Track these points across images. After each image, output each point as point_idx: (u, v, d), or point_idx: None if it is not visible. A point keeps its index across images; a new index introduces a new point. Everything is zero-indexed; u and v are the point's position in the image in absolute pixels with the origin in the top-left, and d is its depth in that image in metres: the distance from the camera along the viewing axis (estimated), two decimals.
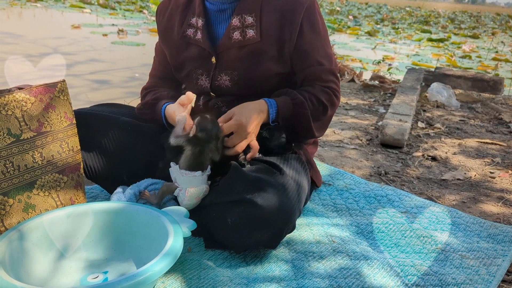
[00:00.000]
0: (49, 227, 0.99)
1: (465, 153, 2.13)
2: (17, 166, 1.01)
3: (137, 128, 1.27)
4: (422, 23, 14.61)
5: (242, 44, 1.18)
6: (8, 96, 1.00)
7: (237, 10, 1.19)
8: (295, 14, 1.17)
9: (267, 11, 1.18)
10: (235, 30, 1.19)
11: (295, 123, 1.20)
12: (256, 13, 1.18)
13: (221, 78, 1.23)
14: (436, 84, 3.28)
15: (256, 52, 1.19)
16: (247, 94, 1.21)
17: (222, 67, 1.22)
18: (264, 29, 1.17)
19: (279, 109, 1.16)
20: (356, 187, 1.57)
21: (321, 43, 1.22)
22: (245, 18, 1.18)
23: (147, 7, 11.44)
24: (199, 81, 1.27)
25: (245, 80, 1.21)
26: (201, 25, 1.23)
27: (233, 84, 1.22)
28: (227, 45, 1.20)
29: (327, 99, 1.21)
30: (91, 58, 4.58)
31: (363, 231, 1.29)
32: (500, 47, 8.47)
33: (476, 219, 1.41)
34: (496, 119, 2.83)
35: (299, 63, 1.21)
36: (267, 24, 1.17)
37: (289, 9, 1.17)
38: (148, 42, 6.02)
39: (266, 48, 1.18)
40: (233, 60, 1.21)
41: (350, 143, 2.15)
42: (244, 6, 1.19)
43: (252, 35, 1.18)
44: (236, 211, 1.01)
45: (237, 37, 1.18)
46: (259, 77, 1.21)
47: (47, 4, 10.58)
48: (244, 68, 1.20)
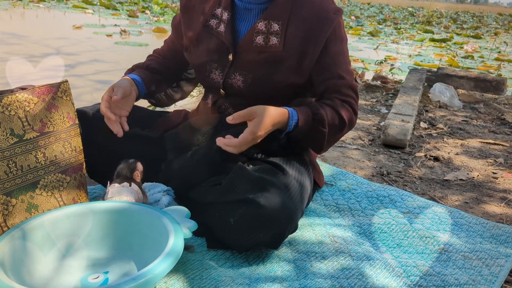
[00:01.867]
0: (50, 226, 0.99)
1: (467, 153, 2.13)
2: (20, 166, 1.01)
3: (141, 128, 1.28)
4: (425, 23, 14.59)
5: (263, 50, 1.17)
6: (11, 97, 1.00)
7: (265, 15, 1.17)
8: (322, 30, 1.15)
9: (294, 21, 1.16)
10: (259, 34, 1.17)
11: (309, 138, 1.16)
12: (284, 22, 1.16)
13: (234, 77, 1.21)
14: (438, 84, 3.27)
15: (275, 60, 1.17)
16: (257, 98, 1.20)
17: (237, 67, 1.21)
18: (288, 39, 1.15)
19: (298, 123, 1.10)
20: (359, 187, 1.56)
21: (344, 59, 1.20)
22: (271, 24, 1.16)
23: (149, 7, 11.45)
24: (212, 75, 1.24)
25: (258, 84, 1.20)
26: (226, 19, 1.21)
27: (246, 86, 1.21)
28: (247, 47, 1.18)
29: (347, 117, 1.18)
30: (94, 58, 4.59)
31: (365, 232, 1.29)
32: (503, 47, 8.45)
33: (478, 220, 1.40)
34: (499, 120, 2.82)
35: (320, 75, 1.19)
36: (292, 34, 1.15)
37: (317, 24, 1.15)
38: (151, 43, 6.03)
39: (286, 58, 1.16)
40: (250, 62, 1.19)
41: (352, 144, 2.14)
42: (273, 12, 1.17)
43: (275, 43, 1.16)
44: (239, 211, 1.01)
45: (260, 41, 1.17)
46: (273, 85, 1.19)
47: (49, 4, 10.61)
48: (260, 73, 1.19)
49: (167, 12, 10.59)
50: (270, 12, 1.17)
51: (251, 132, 1.03)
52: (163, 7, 11.91)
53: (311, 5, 1.17)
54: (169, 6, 12.21)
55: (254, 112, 1.05)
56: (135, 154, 1.24)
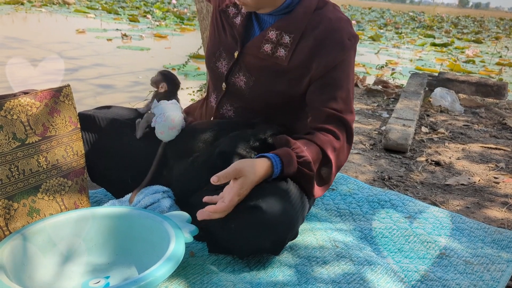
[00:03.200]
0: (52, 231, 0.99)
1: (469, 158, 2.13)
2: (22, 170, 1.01)
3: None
4: (425, 27, 14.61)
5: (268, 59, 1.15)
6: (14, 101, 1.00)
7: (278, 24, 1.14)
8: (330, 53, 1.11)
9: (307, 37, 1.12)
10: (268, 42, 1.15)
11: (296, 180, 1.10)
12: (296, 35, 1.12)
13: (238, 76, 1.20)
14: (439, 89, 3.27)
15: (279, 70, 1.15)
16: (257, 102, 1.21)
17: (241, 66, 1.20)
18: (295, 54, 1.13)
19: (283, 170, 1.05)
20: (360, 192, 1.56)
21: (343, 93, 1.13)
22: (283, 35, 1.13)
23: (151, 12, 11.49)
24: (219, 63, 1.24)
25: (259, 89, 1.19)
26: (245, 12, 1.19)
27: (247, 88, 1.20)
28: (253, 52, 1.17)
29: (334, 157, 1.12)
30: (96, 62, 4.60)
31: (366, 236, 1.29)
32: (504, 52, 8.46)
33: (480, 225, 1.40)
34: (500, 124, 2.82)
35: (318, 97, 1.14)
36: (301, 49, 1.13)
37: (328, 45, 1.11)
38: (153, 47, 6.05)
39: (289, 71, 1.15)
40: (253, 66, 1.18)
41: (353, 148, 2.14)
42: (287, 23, 1.13)
43: (282, 56, 1.14)
44: (240, 216, 1.01)
45: (267, 50, 1.15)
46: (273, 93, 1.18)
47: (51, 9, 10.65)
48: (262, 79, 1.18)
49: (168, 17, 10.62)
50: (284, 22, 1.14)
51: (238, 194, 0.98)
52: (165, 11, 11.95)
53: (328, 24, 1.12)
54: (170, 11, 12.25)
55: (240, 171, 0.98)
56: (140, 156, 1.25)
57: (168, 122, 1.19)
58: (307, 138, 1.11)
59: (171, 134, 1.21)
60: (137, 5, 13.82)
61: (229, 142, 1.15)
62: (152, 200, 1.16)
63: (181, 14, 11.71)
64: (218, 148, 1.14)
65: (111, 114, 1.30)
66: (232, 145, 1.14)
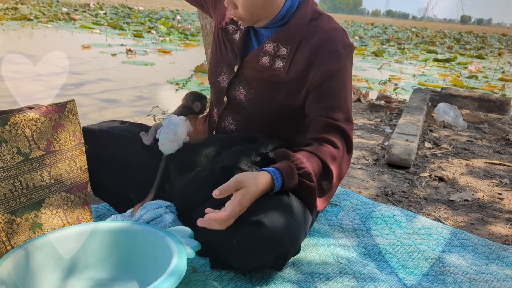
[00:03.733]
0: (54, 246, 0.99)
1: (472, 173, 2.12)
2: (25, 184, 1.02)
3: (145, 147, 1.28)
4: (428, 43, 14.69)
5: (266, 71, 1.17)
6: (19, 115, 1.01)
7: (275, 37, 1.16)
8: (326, 61, 1.11)
9: (303, 48, 1.14)
10: (266, 54, 1.17)
11: (298, 193, 1.10)
12: (292, 47, 1.14)
13: (238, 89, 1.23)
14: (442, 104, 3.28)
15: (277, 82, 1.17)
16: (258, 115, 1.22)
17: (241, 80, 1.22)
18: (293, 65, 1.15)
19: (284, 183, 1.05)
20: (363, 207, 1.56)
21: (340, 102, 1.14)
22: (280, 47, 1.15)
23: (155, 27, 11.62)
24: (220, 78, 1.26)
25: (259, 101, 1.20)
26: (243, 28, 1.22)
27: (247, 101, 1.22)
28: (252, 65, 1.19)
29: (335, 167, 1.11)
30: (101, 77, 4.64)
31: (370, 252, 1.28)
32: (507, 68, 8.47)
33: (484, 241, 1.39)
34: (504, 140, 2.82)
35: (315, 107, 1.15)
36: (297, 60, 1.14)
37: (323, 54, 1.12)
38: (157, 62, 6.10)
39: (287, 82, 1.16)
40: (253, 79, 1.20)
41: (356, 163, 2.14)
42: (283, 35, 1.15)
43: (280, 67, 1.15)
44: (242, 231, 1.01)
45: (265, 62, 1.17)
46: (273, 104, 1.20)
47: (57, 25, 10.79)
48: (261, 90, 1.19)
49: (172, 32, 10.73)
50: (280, 35, 1.16)
51: (239, 204, 0.97)
52: (169, 27, 12.08)
53: (322, 34, 1.14)
54: (174, 27, 12.39)
55: (241, 182, 0.98)
56: (143, 171, 1.25)
57: (170, 135, 1.21)
58: (306, 150, 1.11)
59: (171, 148, 1.23)
60: (142, 21, 13.99)
61: (230, 157, 1.16)
62: (154, 215, 1.16)
63: (185, 30, 11.84)
64: (220, 163, 1.15)
65: (114, 129, 1.30)
66: (233, 160, 1.14)
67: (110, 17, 14.66)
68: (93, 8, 19.03)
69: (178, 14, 19.95)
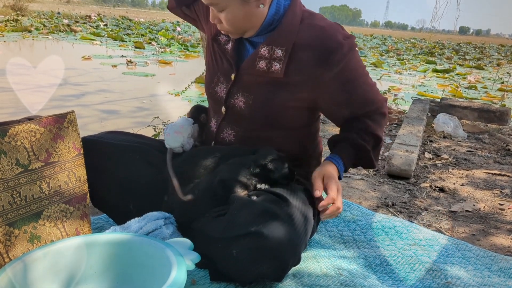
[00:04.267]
0: (52, 258, 0.98)
1: (473, 184, 2.11)
2: (24, 196, 1.01)
3: (145, 158, 1.28)
4: (427, 54, 14.76)
5: (264, 75, 1.17)
6: (18, 127, 1.01)
7: (268, 40, 1.17)
8: (337, 59, 1.13)
9: (299, 48, 1.15)
10: (262, 59, 1.17)
11: (358, 163, 1.29)
12: (287, 48, 1.15)
13: (237, 97, 1.22)
14: (442, 114, 3.28)
15: (277, 83, 1.17)
16: (257, 122, 1.22)
17: (239, 87, 1.22)
18: (291, 65, 1.15)
19: (345, 165, 1.24)
20: (364, 218, 1.55)
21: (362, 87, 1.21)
22: (274, 50, 1.16)
23: (156, 39, 11.68)
24: (217, 88, 1.26)
25: (259, 106, 1.20)
26: (234, 37, 1.23)
27: (247, 107, 1.21)
28: (249, 71, 1.19)
29: (380, 131, 1.26)
30: (101, 88, 4.65)
31: (371, 264, 1.27)
32: (506, 78, 8.50)
33: (486, 252, 1.38)
34: (504, 150, 2.81)
35: (339, 106, 1.22)
36: (296, 60, 1.15)
37: (325, 50, 1.13)
38: (158, 73, 6.12)
39: (287, 83, 1.16)
40: (251, 84, 1.20)
41: (356, 174, 2.14)
42: (277, 38, 1.16)
43: (277, 69, 1.15)
44: (241, 242, 1.00)
45: (262, 66, 1.17)
46: (273, 107, 1.19)
47: (58, 36, 10.85)
48: (261, 94, 1.19)
49: (173, 44, 10.79)
50: (273, 37, 1.16)
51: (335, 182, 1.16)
52: (169, 38, 12.15)
53: (319, 31, 1.15)
54: (175, 38, 12.46)
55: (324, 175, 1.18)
56: (142, 182, 1.24)
57: (176, 127, 1.29)
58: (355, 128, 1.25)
59: (176, 139, 1.28)
60: (143, 33, 14.07)
61: (229, 169, 1.15)
62: (154, 226, 1.15)
63: (186, 41, 11.90)
64: (218, 176, 1.14)
65: (113, 139, 1.30)
66: (232, 172, 1.14)
67: (110, 29, 14.75)
68: (94, 19, 19.16)
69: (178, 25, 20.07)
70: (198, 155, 1.25)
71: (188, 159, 1.25)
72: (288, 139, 1.26)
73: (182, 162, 1.24)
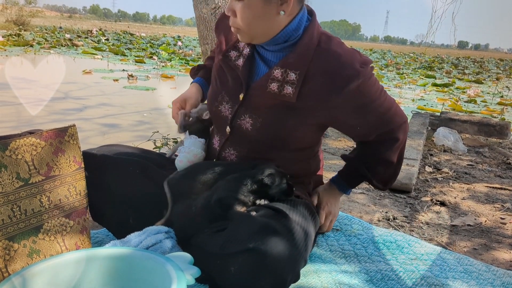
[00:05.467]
0: (52, 273, 0.98)
1: (474, 198, 2.11)
2: (24, 210, 1.01)
3: (145, 172, 1.28)
4: (426, 68, 14.84)
5: (276, 98, 1.15)
6: (19, 141, 1.01)
7: (282, 62, 1.14)
8: (346, 81, 1.10)
9: (315, 73, 1.12)
10: (274, 81, 1.14)
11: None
12: (301, 71, 1.12)
13: (244, 118, 1.19)
14: (442, 128, 3.29)
15: (287, 108, 1.15)
16: (262, 146, 1.20)
17: (247, 108, 1.19)
18: (304, 90, 1.13)
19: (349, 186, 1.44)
20: (365, 232, 1.54)
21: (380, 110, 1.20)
22: (288, 73, 1.13)
23: (157, 53, 11.76)
24: (221, 107, 1.23)
25: (266, 130, 1.18)
26: (246, 54, 1.20)
27: (254, 130, 1.19)
28: (260, 91, 1.16)
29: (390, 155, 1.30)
30: (102, 102, 4.67)
31: (372, 279, 1.26)
32: (505, 92, 8.54)
33: (488, 267, 1.37)
34: (505, 164, 2.81)
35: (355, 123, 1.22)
36: (309, 85, 1.12)
37: (340, 77, 1.10)
38: (159, 87, 6.15)
39: (298, 108, 1.14)
40: (260, 106, 1.17)
41: (357, 188, 2.13)
42: (292, 60, 1.13)
43: (289, 93, 1.13)
44: (240, 259, 0.99)
45: (274, 89, 1.14)
46: (281, 133, 1.18)
47: (60, 50, 10.93)
48: (270, 118, 1.17)
49: (174, 58, 10.86)
50: (288, 60, 1.14)
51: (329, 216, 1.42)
52: (170, 53, 12.24)
53: (336, 57, 1.12)
54: (176, 52, 12.55)
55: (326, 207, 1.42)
56: (142, 196, 1.24)
57: (190, 156, 1.28)
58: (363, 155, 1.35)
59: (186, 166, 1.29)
60: (144, 47, 14.17)
61: (226, 187, 1.14)
62: (154, 240, 1.14)
63: (187, 55, 11.99)
64: (215, 194, 1.13)
65: (113, 153, 1.30)
66: (229, 190, 1.13)
67: (112, 43, 14.87)
68: (96, 34, 19.32)
69: (180, 40, 20.23)
70: (198, 170, 1.24)
71: (188, 174, 1.24)
72: (292, 160, 1.25)
73: (182, 177, 1.24)
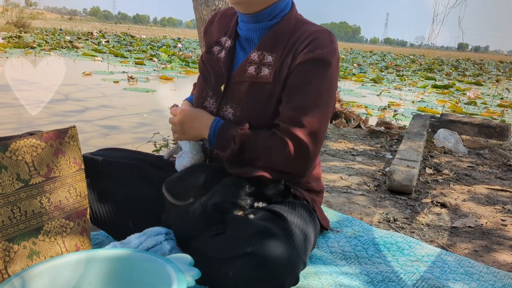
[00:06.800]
0: (51, 275, 0.97)
1: (475, 200, 2.11)
2: (24, 211, 1.01)
3: (144, 175, 1.27)
4: (426, 70, 14.85)
5: (253, 80, 1.16)
6: (19, 142, 1.01)
7: (259, 45, 1.18)
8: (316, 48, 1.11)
9: (287, 53, 1.15)
10: (252, 64, 1.17)
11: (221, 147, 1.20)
12: (278, 54, 1.15)
13: (226, 109, 1.21)
14: (442, 130, 3.29)
15: (265, 92, 1.16)
16: None
17: (228, 98, 1.21)
18: (279, 70, 1.15)
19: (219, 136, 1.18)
20: (365, 234, 1.54)
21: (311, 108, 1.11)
22: (264, 55, 1.16)
23: (157, 55, 11.77)
24: (206, 103, 1.25)
25: (247, 117, 1.18)
26: (228, 46, 1.23)
27: (235, 119, 1.20)
28: (239, 77, 1.19)
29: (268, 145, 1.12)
30: (102, 104, 4.67)
31: (373, 280, 1.25)
32: (505, 94, 8.54)
33: (490, 269, 1.36)
34: (505, 166, 2.81)
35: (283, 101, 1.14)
36: (285, 65, 1.15)
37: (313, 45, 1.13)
38: (158, 89, 6.15)
39: (275, 90, 1.15)
40: (240, 94, 1.19)
41: (357, 189, 2.13)
42: (267, 43, 1.17)
43: (266, 74, 1.15)
44: (238, 263, 0.99)
45: (252, 71, 1.17)
46: (261, 117, 1.18)
47: (60, 52, 10.94)
48: (249, 105, 1.18)
49: (174, 60, 10.87)
50: (264, 42, 1.18)
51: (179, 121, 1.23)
52: (170, 55, 12.25)
53: (308, 35, 1.15)
54: (176, 54, 12.55)
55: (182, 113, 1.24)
56: (140, 200, 1.24)
57: (194, 160, 1.27)
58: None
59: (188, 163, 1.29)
60: (144, 49, 14.18)
61: (222, 191, 1.14)
62: (154, 242, 1.14)
63: (187, 57, 11.99)
64: (212, 199, 1.13)
65: (111, 157, 1.29)
66: (226, 194, 1.13)
67: (112, 45, 14.88)
68: (96, 36, 19.34)
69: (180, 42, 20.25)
70: (193, 173, 1.23)
71: (184, 176, 1.23)
72: None
73: (178, 179, 1.23)
